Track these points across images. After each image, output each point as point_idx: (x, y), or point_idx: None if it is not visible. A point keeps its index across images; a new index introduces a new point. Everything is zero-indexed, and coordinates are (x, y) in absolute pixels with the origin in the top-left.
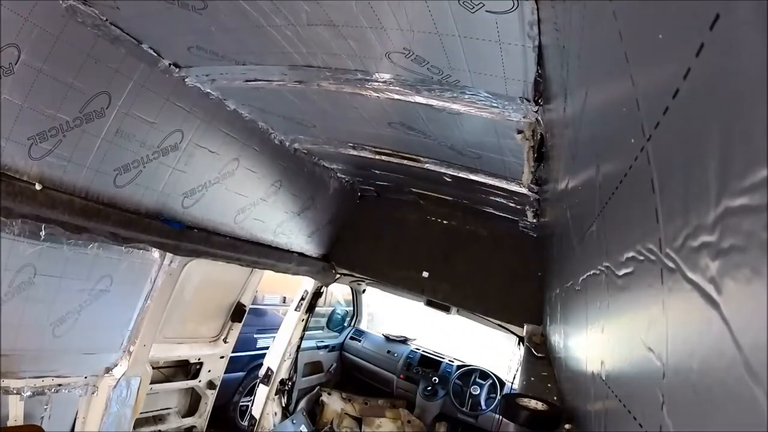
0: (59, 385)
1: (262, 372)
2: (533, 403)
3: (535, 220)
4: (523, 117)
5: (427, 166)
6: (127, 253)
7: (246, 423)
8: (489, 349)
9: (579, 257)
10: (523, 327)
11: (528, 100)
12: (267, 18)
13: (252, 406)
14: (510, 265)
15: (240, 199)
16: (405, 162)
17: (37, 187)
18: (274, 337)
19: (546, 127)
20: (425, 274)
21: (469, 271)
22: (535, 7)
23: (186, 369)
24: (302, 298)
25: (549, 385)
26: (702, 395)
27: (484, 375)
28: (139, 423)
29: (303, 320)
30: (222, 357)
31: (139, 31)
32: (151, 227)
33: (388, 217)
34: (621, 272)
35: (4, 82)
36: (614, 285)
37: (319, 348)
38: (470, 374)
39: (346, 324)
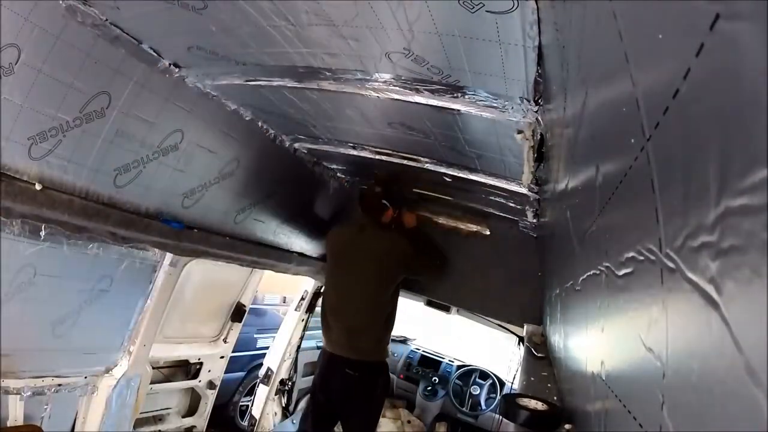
0: (59, 385)
1: (262, 372)
2: (533, 403)
3: (535, 220)
4: (523, 117)
5: (427, 166)
6: (127, 253)
7: (246, 423)
8: (489, 348)
9: (579, 257)
10: (523, 327)
11: (528, 100)
12: (267, 18)
13: (252, 406)
14: (510, 265)
15: (240, 199)
16: (405, 162)
17: (37, 187)
18: (274, 337)
19: (546, 127)
20: None
21: (469, 271)
22: (535, 7)
23: (186, 369)
24: (302, 298)
25: (549, 385)
26: (702, 395)
27: (484, 375)
28: (139, 423)
29: (303, 320)
30: (222, 357)
31: (139, 31)
32: (151, 227)
33: None
34: (621, 272)
35: (4, 82)
36: (614, 285)
37: (319, 348)
38: (470, 374)
39: None
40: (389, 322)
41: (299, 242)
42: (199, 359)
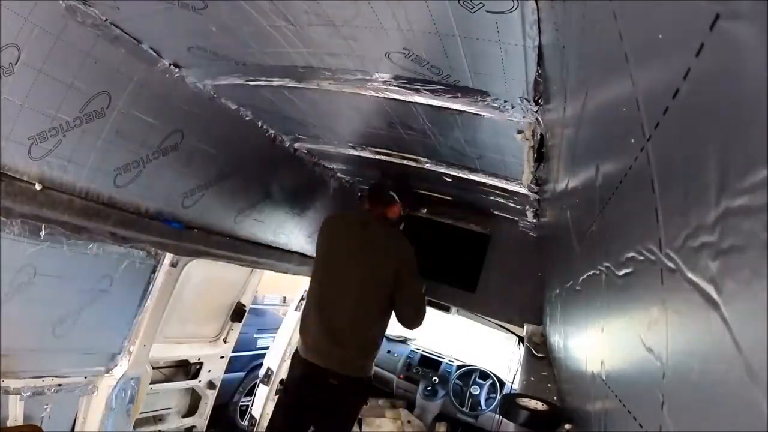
0: (59, 385)
1: (262, 372)
2: (533, 403)
3: (535, 220)
4: (523, 117)
5: (426, 166)
6: (127, 253)
7: (246, 423)
8: (489, 348)
9: (579, 257)
10: (523, 327)
11: (528, 100)
12: (267, 18)
13: (252, 406)
14: (510, 265)
15: (240, 199)
16: (405, 162)
17: (37, 187)
18: (274, 337)
19: (546, 127)
20: None
21: None
22: (535, 7)
23: (186, 369)
24: (302, 298)
25: (549, 385)
26: (702, 395)
27: (484, 375)
28: (139, 423)
29: None
30: (222, 357)
31: (139, 31)
32: (151, 227)
33: None
34: (621, 272)
35: (4, 82)
36: (614, 285)
37: None
38: (470, 374)
39: None
40: (378, 338)
41: (299, 242)
42: (199, 359)
